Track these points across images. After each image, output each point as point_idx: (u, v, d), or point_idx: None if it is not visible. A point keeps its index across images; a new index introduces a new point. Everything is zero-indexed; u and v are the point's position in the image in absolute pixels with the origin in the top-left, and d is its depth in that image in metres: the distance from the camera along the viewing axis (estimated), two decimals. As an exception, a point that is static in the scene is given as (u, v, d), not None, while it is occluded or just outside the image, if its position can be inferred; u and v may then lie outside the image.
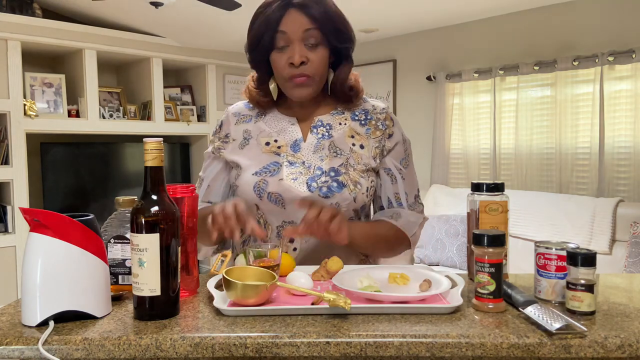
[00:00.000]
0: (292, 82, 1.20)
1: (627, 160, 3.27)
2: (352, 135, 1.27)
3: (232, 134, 1.31)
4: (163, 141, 0.91)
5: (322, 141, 1.26)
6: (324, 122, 1.28)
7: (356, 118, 1.30)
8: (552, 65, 3.50)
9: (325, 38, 1.19)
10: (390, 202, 1.30)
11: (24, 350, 0.80)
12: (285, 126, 1.28)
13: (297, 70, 1.17)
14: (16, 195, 3.75)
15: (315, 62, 1.18)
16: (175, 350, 0.79)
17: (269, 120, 1.30)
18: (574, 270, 0.89)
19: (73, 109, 4.12)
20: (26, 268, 0.86)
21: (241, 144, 1.29)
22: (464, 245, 3.40)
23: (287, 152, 1.25)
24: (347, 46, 1.24)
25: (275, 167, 1.23)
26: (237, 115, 1.33)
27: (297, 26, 1.16)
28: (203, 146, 4.92)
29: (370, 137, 1.28)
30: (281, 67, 1.19)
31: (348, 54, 1.26)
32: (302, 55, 1.16)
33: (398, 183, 1.29)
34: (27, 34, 3.78)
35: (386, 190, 1.30)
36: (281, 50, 1.18)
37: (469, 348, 0.78)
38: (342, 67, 1.26)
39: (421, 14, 3.85)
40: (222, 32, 4.30)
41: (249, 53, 1.25)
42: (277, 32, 1.17)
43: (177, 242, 0.90)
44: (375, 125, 1.29)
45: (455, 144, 4.13)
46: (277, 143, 1.26)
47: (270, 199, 1.21)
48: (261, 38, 1.18)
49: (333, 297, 0.86)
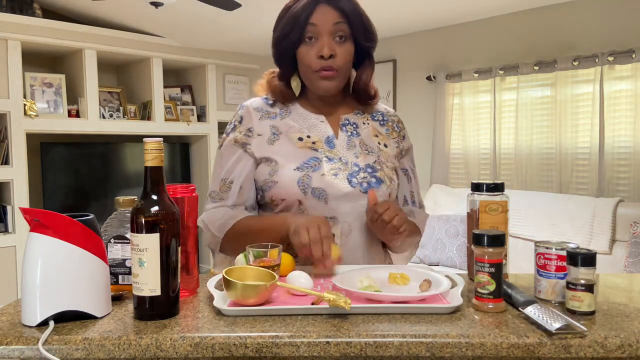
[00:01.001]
0: (320, 75, 1.21)
1: (627, 160, 3.27)
2: (376, 134, 1.31)
3: (257, 129, 1.26)
4: (163, 141, 0.91)
5: (352, 139, 1.28)
6: (351, 121, 1.31)
7: (375, 119, 1.34)
8: (552, 65, 3.50)
9: (352, 34, 1.21)
10: (405, 200, 1.35)
11: (24, 350, 0.80)
12: (314, 122, 1.29)
13: (326, 62, 1.19)
14: (16, 195, 3.75)
15: (342, 56, 1.20)
16: (175, 350, 0.79)
17: (295, 117, 1.29)
18: (574, 270, 0.89)
19: (73, 109, 4.12)
20: (26, 268, 0.86)
21: (270, 139, 1.25)
22: (464, 245, 3.40)
23: (323, 148, 1.25)
24: (371, 45, 1.27)
25: (315, 162, 1.23)
26: (260, 110, 1.29)
27: (327, 19, 1.18)
28: (203, 146, 4.92)
29: (389, 138, 1.33)
30: (309, 59, 1.20)
31: (370, 54, 1.29)
32: (331, 47, 1.18)
33: (412, 182, 1.35)
34: (27, 34, 3.78)
35: (403, 189, 1.35)
36: (309, 43, 1.20)
37: (469, 348, 0.78)
38: (364, 67, 1.29)
39: (421, 14, 3.85)
40: (222, 32, 4.30)
41: (275, 47, 1.26)
42: (306, 25, 1.19)
43: (177, 242, 0.90)
44: (392, 127, 1.34)
45: (455, 144, 4.13)
46: (310, 139, 1.26)
47: (314, 195, 1.20)
48: (290, 31, 1.20)
49: (333, 297, 0.86)
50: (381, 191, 1.22)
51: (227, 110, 4.95)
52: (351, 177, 1.22)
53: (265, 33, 5.05)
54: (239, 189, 1.25)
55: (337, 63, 1.20)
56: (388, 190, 1.24)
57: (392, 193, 1.26)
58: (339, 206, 1.20)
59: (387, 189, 1.23)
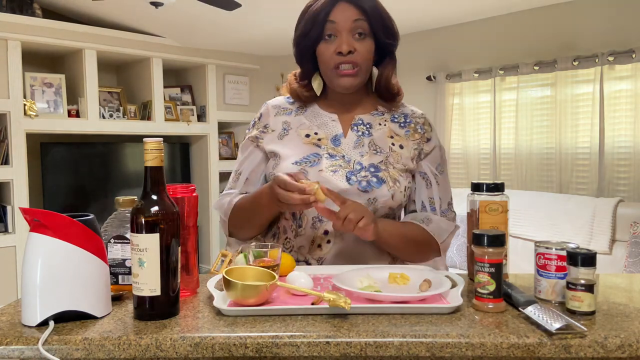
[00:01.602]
0: (339, 72, 1.22)
1: (627, 160, 3.27)
2: (392, 135, 1.29)
3: (271, 125, 1.32)
4: (163, 141, 0.91)
5: (362, 138, 1.28)
6: (364, 121, 1.30)
7: (395, 120, 1.32)
8: (552, 65, 3.50)
9: (372, 31, 1.22)
10: (423, 206, 1.30)
11: (24, 350, 0.80)
12: (325, 121, 1.30)
13: (345, 58, 1.20)
14: (16, 195, 3.75)
15: (362, 52, 1.21)
16: (175, 350, 0.79)
17: (309, 115, 1.32)
18: (574, 270, 0.89)
19: (73, 109, 4.12)
20: (26, 268, 0.86)
21: (280, 134, 1.30)
22: (464, 245, 3.40)
23: (327, 145, 1.26)
24: (392, 42, 1.27)
25: (315, 157, 1.24)
26: (277, 107, 1.34)
27: (346, 16, 1.20)
28: (203, 146, 4.92)
29: (409, 139, 1.30)
30: (328, 56, 1.21)
31: (392, 51, 1.29)
32: (349, 44, 1.19)
33: (433, 187, 1.30)
34: (27, 34, 3.78)
35: (420, 194, 1.30)
36: (329, 40, 1.21)
37: (469, 348, 0.78)
38: (385, 63, 1.29)
39: (421, 14, 3.85)
40: (222, 32, 4.30)
41: (296, 46, 1.28)
42: (326, 23, 1.20)
43: (177, 242, 0.90)
44: (414, 128, 1.31)
45: (455, 144, 4.13)
46: (317, 136, 1.28)
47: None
48: (310, 29, 1.22)
49: (333, 297, 0.86)
50: (382, 191, 1.21)
51: (227, 110, 4.95)
52: (350, 175, 1.22)
53: (265, 33, 5.03)
54: (245, 180, 1.32)
55: (357, 59, 1.20)
56: (391, 191, 1.22)
57: (395, 194, 1.23)
58: (334, 202, 1.19)
59: (389, 190, 1.22)
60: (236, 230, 1.31)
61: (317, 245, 1.22)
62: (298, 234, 1.24)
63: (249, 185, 1.32)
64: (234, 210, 1.27)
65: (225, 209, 1.29)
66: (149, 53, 4.41)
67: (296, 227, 1.24)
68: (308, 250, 1.23)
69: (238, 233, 1.31)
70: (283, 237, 1.27)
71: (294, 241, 1.25)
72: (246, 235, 1.31)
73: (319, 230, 1.22)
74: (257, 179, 1.32)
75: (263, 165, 1.32)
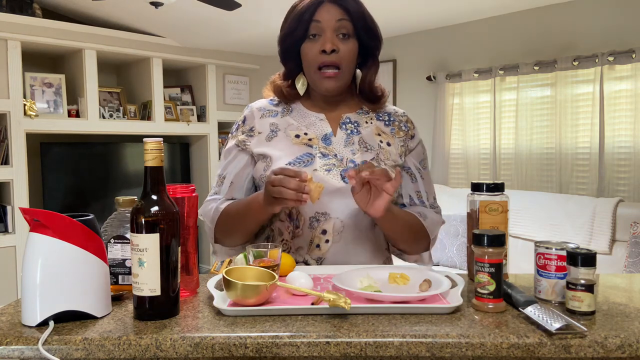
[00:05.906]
0: (322, 74, 1.23)
1: (627, 160, 3.27)
2: (379, 133, 1.31)
3: (257, 127, 1.31)
4: (163, 141, 0.91)
5: (351, 136, 1.28)
6: (352, 120, 1.31)
7: (380, 119, 1.34)
8: (552, 65, 3.50)
9: (356, 32, 1.24)
10: (411, 199, 1.32)
11: (24, 350, 0.80)
12: (313, 121, 1.30)
13: (328, 57, 1.21)
14: (16, 195, 3.75)
15: (345, 52, 1.22)
16: (175, 350, 0.79)
17: (296, 116, 1.32)
18: (574, 270, 0.89)
19: (73, 109, 4.12)
20: (26, 268, 0.86)
21: (268, 136, 1.29)
22: (464, 245, 3.40)
23: (319, 145, 1.26)
24: (375, 44, 1.28)
25: (308, 157, 1.24)
26: (262, 109, 1.34)
27: (330, 16, 1.21)
28: (203, 146, 4.93)
29: (395, 136, 1.32)
30: (312, 56, 1.22)
31: (375, 54, 1.31)
32: (333, 43, 1.21)
33: (418, 182, 1.33)
34: (27, 34, 3.78)
35: (407, 188, 1.32)
36: (313, 39, 1.23)
37: (469, 348, 0.78)
38: (369, 66, 1.31)
39: (421, 14, 3.85)
40: (222, 32, 4.30)
41: (281, 45, 1.29)
42: (311, 22, 1.21)
43: (177, 242, 0.90)
44: (398, 126, 1.34)
45: (455, 144, 4.13)
46: (307, 136, 1.28)
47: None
48: (295, 28, 1.23)
49: (333, 297, 0.86)
50: None
51: (227, 110, 4.95)
52: (344, 173, 1.22)
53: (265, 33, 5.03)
54: (230, 184, 1.30)
55: (339, 59, 1.21)
56: None
57: None
58: (331, 202, 1.21)
59: None
60: (223, 237, 1.29)
61: (316, 245, 1.22)
62: (295, 235, 1.24)
63: (233, 189, 1.30)
64: (221, 217, 1.26)
65: (212, 215, 1.27)
66: (149, 53, 4.41)
67: (293, 228, 1.24)
68: (307, 250, 1.23)
69: (225, 240, 1.29)
70: (279, 239, 1.26)
71: (292, 242, 1.24)
72: (233, 243, 1.29)
73: (317, 229, 1.22)
74: (241, 183, 1.30)
75: (248, 168, 1.30)
